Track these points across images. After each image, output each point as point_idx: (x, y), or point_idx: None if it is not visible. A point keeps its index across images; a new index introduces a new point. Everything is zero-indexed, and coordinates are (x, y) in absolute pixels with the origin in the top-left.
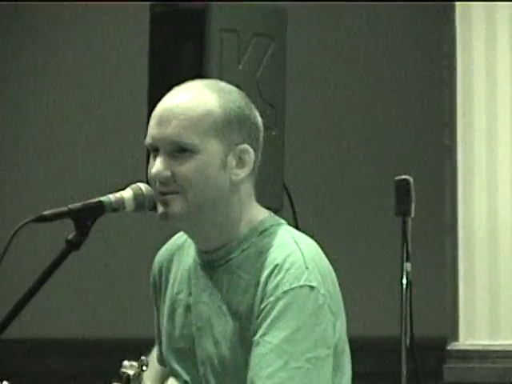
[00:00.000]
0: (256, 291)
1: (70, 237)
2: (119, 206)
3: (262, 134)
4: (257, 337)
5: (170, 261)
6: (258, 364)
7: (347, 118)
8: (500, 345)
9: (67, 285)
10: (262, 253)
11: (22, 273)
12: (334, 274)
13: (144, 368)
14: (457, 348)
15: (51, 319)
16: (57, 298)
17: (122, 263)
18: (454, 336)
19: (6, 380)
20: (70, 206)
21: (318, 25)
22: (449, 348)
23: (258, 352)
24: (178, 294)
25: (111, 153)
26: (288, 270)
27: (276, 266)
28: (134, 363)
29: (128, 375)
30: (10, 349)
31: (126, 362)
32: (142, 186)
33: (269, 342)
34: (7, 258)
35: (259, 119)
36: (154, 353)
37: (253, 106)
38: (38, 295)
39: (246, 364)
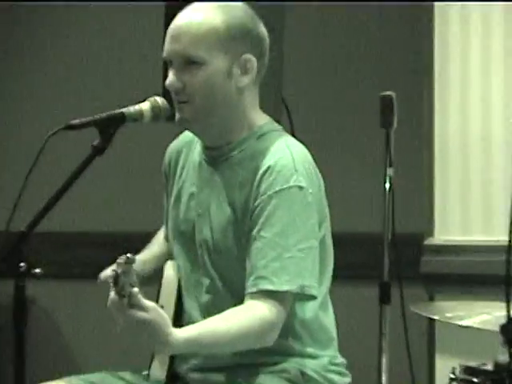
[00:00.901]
0: (251, 189)
1: (95, 143)
2: (138, 116)
3: (265, 42)
4: (253, 232)
5: (178, 154)
6: (254, 257)
7: (342, 39)
8: (470, 240)
9: (92, 185)
10: (258, 154)
11: (54, 174)
12: (321, 182)
13: (132, 265)
14: (432, 243)
15: (79, 214)
16: (84, 196)
17: (141, 165)
18: (430, 232)
19: (39, 268)
20: (95, 116)
21: None
22: (425, 243)
23: (254, 246)
24: (184, 183)
25: (130, 68)
26: (279, 171)
27: (268, 167)
28: (123, 259)
29: (116, 272)
30: (42, 240)
31: (119, 259)
32: (159, 99)
33: (263, 237)
34: (42, 161)
35: (262, 30)
36: (161, 233)
37: (257, 18)
38: (67, 193)
39: (235, 247)
